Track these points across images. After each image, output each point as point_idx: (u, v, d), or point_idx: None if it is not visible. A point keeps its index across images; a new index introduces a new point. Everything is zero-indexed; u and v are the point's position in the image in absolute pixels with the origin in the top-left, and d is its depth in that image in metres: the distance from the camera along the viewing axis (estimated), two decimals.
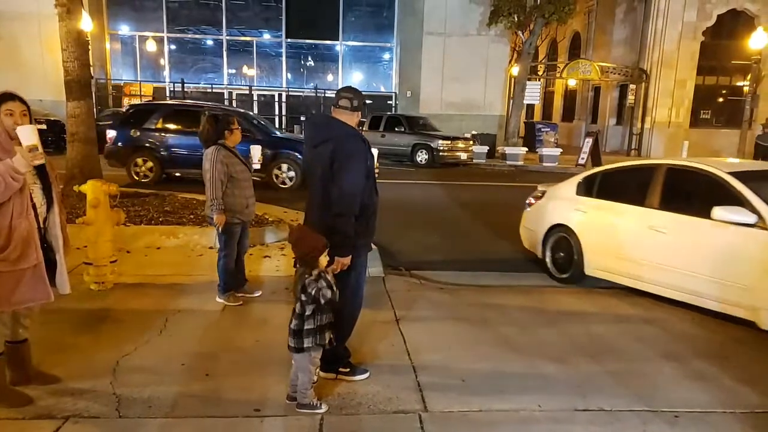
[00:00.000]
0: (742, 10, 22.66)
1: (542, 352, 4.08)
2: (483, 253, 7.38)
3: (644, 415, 3.21)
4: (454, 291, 5.54)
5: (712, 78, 23.72)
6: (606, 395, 3.44)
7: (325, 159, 3.20)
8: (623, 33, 25.02)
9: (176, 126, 11.61)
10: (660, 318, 4.88)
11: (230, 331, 4.28)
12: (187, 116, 11.51)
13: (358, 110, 3.35)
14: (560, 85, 30.77)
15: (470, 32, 22.17)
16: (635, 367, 3.88)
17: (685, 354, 4.14)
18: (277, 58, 24.85)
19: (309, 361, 3.08)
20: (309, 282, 3.00)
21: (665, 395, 3.47)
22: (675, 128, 23.08)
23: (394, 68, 24.96)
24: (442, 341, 4.23)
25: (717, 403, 3.39)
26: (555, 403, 3.33)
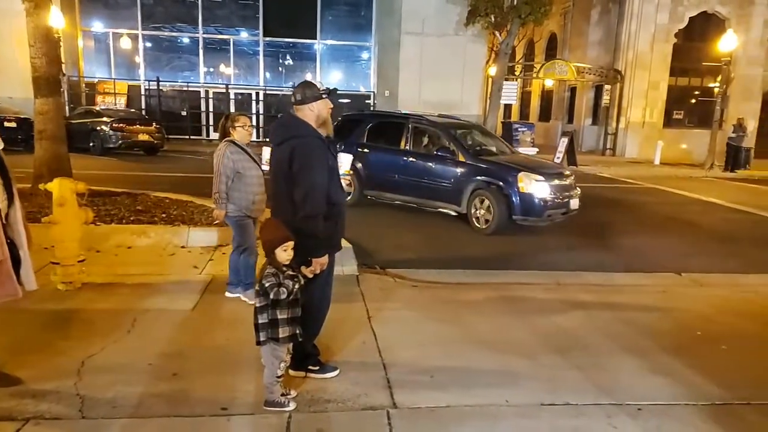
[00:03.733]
0: (713, 13, 23.12)
1: (512, 347, 4.12)
2: (458, 251, 7.42)
3: (609, 409, 3.27)
4: (428, 288, 5.56)
5: (684, 79, 24.16)
6: (572, 389, 3.49)
7: (284, 159, 3.19)
8: (598, 34, 25.35)
9: (378, 141, 9.73)
10: (627, 313, 4.96)
11: (201, 330, 4.24)
12: (391, 129, 9.63)
13: (304, 102, 3.28)
14: (537, 86, 31.04)
15: (448, 32, 22.25)
16: (601, 361, 3.94)
17: (650, 348, 4.22)
18: (254, 56, 24.66)
19: (271, 354, 3.07)
20: (266, 275, 3.00)
21: (629, 389, 3.54)
22: (649, 128, 23.46)
23: (372, 68, 24.95)
24: (413, 338, 4.25)
25: (679, 396, 3.47)
26: (522, 398, 3.37)
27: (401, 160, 9.22)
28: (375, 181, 9.52)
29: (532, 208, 7.99)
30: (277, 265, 3.04)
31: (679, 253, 7.67)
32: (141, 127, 17.07)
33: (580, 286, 5.88)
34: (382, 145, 9.60)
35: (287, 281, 3.01)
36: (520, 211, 8.00)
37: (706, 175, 18.34)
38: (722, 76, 19.70)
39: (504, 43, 20.79)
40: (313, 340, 3.54)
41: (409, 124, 9.34)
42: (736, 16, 22.92)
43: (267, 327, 3.03)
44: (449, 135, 8.96)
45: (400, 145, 9.31)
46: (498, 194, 8.13)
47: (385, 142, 9.59)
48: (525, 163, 8.84)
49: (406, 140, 9.30)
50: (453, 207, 8.66)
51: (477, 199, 8.35)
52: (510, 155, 9.51)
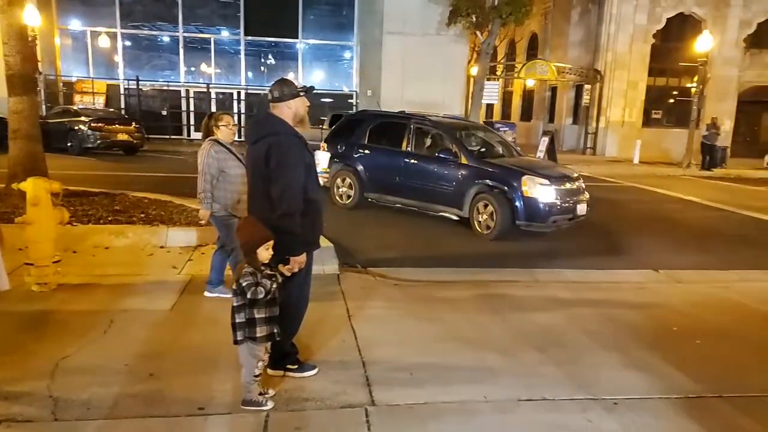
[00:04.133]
0: (689, 14, 23.51)
1: (490, 344, 4.15)
2: (440, 249, 7.45)
3: (585, 403, 3.31)
4: (409, 287, 5.57)
5: (662, 79, 24.54)
6: (550, 385, 3.53)
7: (261, 157, 3.18)
8: (578, 35, 25.62)
9: (379, 141, 9.47)
10: (605, 309, 5.02)
11: (178, 330, 4.20)
12: (392, 129, 9.33)
13: (282, 99, 3.27)
14: (518, 85, 31.29)
15: (429, 32, 22.31)
16: (579, 357, 3.99)
17: (627, 343, 4.27)
18: (235, 55, 24.48)
19: (248, 353, 3.06)
20: (244, 274, 2.98)
21: (606, 383, 3.58)
22: (628, 127, 23.78)
23: (354, 67, 24.93)
24: (393, 336, 4.25)
25: (654, 389, 3.52)
26: (500, 393, 3.40)
27: (402, 162, 8.93)
28: (376, 184, 9.24)
29: (536, 213, 7.66)
30: (255, 265, 3.03)
31: (656, 249, 7.78)
32: (120, 127, 16.85)
33: (558, 283, 5.94)
34: (384, 147, 9.31)
35: (265, 280, 2.99)
36: (523, 216, 7.67)
37: (684, 173, 18.63)
38: (699, 77, 20.03)
39: (485, 43, 20.91)
40: (291, 339, 3.52)
41: (411, 125, 9.02)
42: (712, 18, 23.33)
43: (244, 326, 3.01)
44: (452, 136, 8.67)
45: (401, 147, 9.01)
46: (501, 198, 7.79)
47: (387, 143, 9.30)
48: (530, 166, 8.43)
49: (407, 141, 8.97)
50: (455, 211, 8.40)
51: (479, 203, 8.01)
52: (515, 158, 9.12)
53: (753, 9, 23.59)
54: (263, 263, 3.05)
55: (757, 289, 5.90)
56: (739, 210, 11.25)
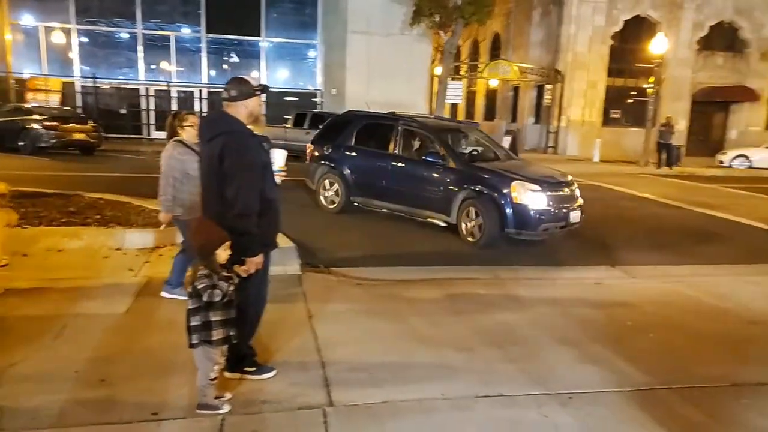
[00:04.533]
0: (645, 17, 24.19)
1: (449, 341, 4.18)
2: (404, 248, 7.46)
3: (541, 398, 3.37)
4: (371, 286, 5.57)
5: (620, 79, 25.17)
6: (507, 381, 3.58)
7: (214, 157, 3.13)
8: (540, 35, 26.06)
9: (366, 144, 9.18)
10: (562, 305, 5.12)
11: (133, 334, 4.10)
12: (380, 131, 9.00)
13: (238, 98, 3.23)
14: (482, 85, 31.62)
15: (393, 32, 22.35)
16: (536, 353, 4.06)
17: (582, 338, 4.37)
18: (196, 53, 24.06)
19: (204, 356, 3.00)
20: (199, 276, 2.93)
21: (561, 378, 3.65)
22: (588, 127, 24.32)
23: (318, 66, 24.82)
24: (353, 336, 4.25)
25: (608, 383, 3.61)
26: (458, 391, 3.43)
27: (389, 165, 8.58)
28: (362, 187, 8.91)
29: (526, 220, 7.24)
30: (212, 267, 2.97)
31: (613, 246, 7.97)
32: (76, 126, 16.36)
33: (517, 280, 6.03)
34: (370, 149, 8.99)
35: (221, 283, 2.95)
36: (512, 223, 7.27)
37: (642, 171, 19.16)
38: (654, 77, 20.64)
39: (448, 43, 21.08)
40: (248, 341, 3.48)
41: (398, 127, 8.63)
42: (667, 20, 24.06)
43: (200, 329, 2.96)
44: (439, 138, 8.28)
45: (388, 149, 8.64)
46: (489, 204, 7.41)
47: (374, 146, 8.96)
48: (521, 171, 7.96)
49: (395, 144, 8.59)
50: (442, 217, 7.98)
51: (467, 209, 7.63)
52: (507, 162, 8.64)
53: (705, 12, 24.42)
54: (220, 265, 3.00)
55: (708, 283, 6.11)
56: (692, 207, 11.63)
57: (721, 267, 6.98)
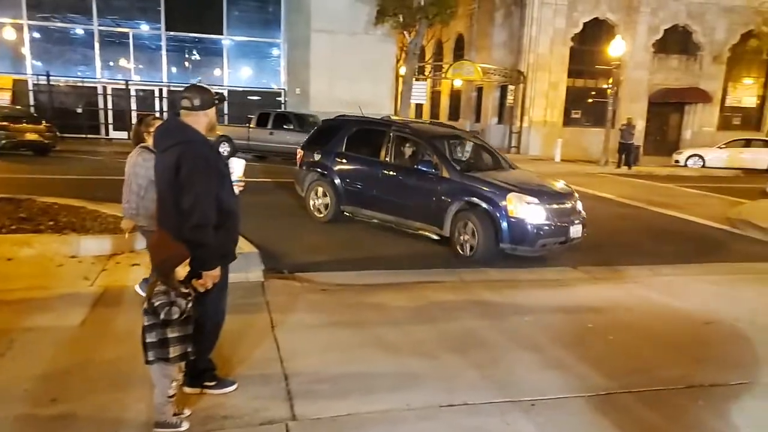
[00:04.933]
0: (604, 19, 24.75)
1: (414, 349, 4.17)
2: (370, 251, 7.42)
3: (504, 406, 3.38)
4: (336, 292, 5.52)
5: (581, 81, 25.70)
6: (470, 388, 3.58)
7: (170, 167, 3.04)
8: (502, 36, 26.39)
9: (357, 150, 8.74)
10: (525, 308, 5.17)
11: (89, 348, 3.95)
12: (371, 137, 8.58)
13: (202, 108, 3.15)
14: (446, 85, 31.85)
15: (357, 31, 22.30)
16: (499, 358, 4.08)
17: (545, 342, 4.42)
18: (156, 51, 23.50)
19: (161, 374, 2.91)
20: (156, 293, 2.83)
21: (524, 384, 3.68)
22: (550, 127, 24.76)
23: (282, 65, 24.57)
24: (317, 346, 4.19)
25: (569, 388, 3.66)
26: (423, 400, 3.42)
27: (380, 174, 8.19)
28: (352, 196, 8.53)
29: (522, 235, 6.86)
30: (170, 284, 2.88)
31: (575, 246, 8.09)
32: (28, 126, 15.79)
33: (482, 282, 6.07)
34: (361, 156, 8.59)
35: (180, 300, 2.85)
36: (508, 238, 6.88)
37: (602, 171, 19.60)
38: (613, 79, 21.15)
39: (413, 44, 21.15)
40: (208, 355, 3.39)
41: (390, 133, 8.26)
42: (624, 23, 24.68)
43: (156, 346, 2.86)
44: (433, 146, 7.84)
45: (379, 156, 8.26)
46: (483, 217, 7.02)
47: (365, 153, 8.55)
48: (518, 182, 7.50)
49: (386, 150, 8.20)
50: (434, 229, 7.59)
51: (461, 221, 7.23)
52: (505, 172, 8.14)
53: (660, 16, 25.15)
54: (178, 280, 2.91)
55: (666, 284, 6.27)
56: (651, 207, 11.95)
57: (679, 267, 7.18)
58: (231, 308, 3.51)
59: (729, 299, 5.81)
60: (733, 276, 6.81)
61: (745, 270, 7.20)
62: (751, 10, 24.43)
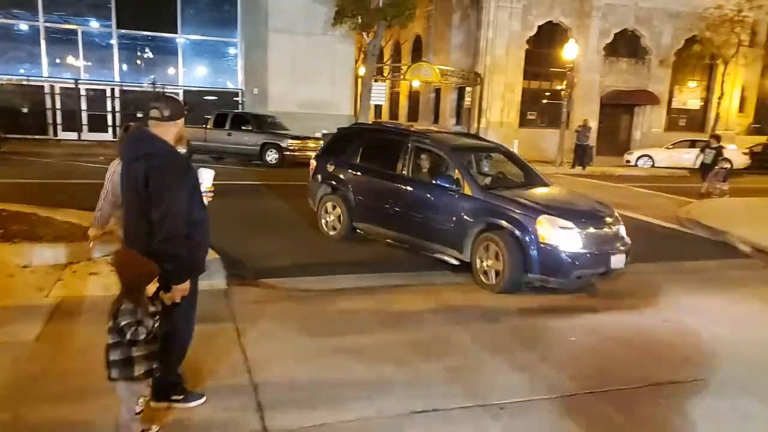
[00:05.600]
0: (557, 23, 25.37)
1: (385, 355, 4.18)
2: (336, 255, 7.36)
3: (474, 411, 3.44)
4: (302, 298, 5.48)
5: (536, 83, 26.29)
6: (441, 394, 3.62)
7: (138, 178, 2.96)
8: (459, 38, 26.72)
9: (372, 162, 7.94)
10: (493, 310, 5.26)
11: (45, 363, 3.80)
12: (388, 147, 7.72)
13: (172, 119, 3.11)
14: (405, 87, 32.03)
15: (316, 31, 22.17)
16: (469, 363, 4.14)
17: (512, 344, 4.51)
18: (107, 49, 22.76)
19: (128, 391, 2.84)
20: (122, 310, 2.75)
21: (493, 388, 3.75)
22: (507, 128, 25.20)
23: (239, 64, 24.19)
24: (285, 354, 4.15)
25: (536, 391, 3.74)
26: (395, 407, 3.43)
27: (395, 189, 7.32)
28: (366, 213, 7.75)
29: (555, 265, 5.90)
30: (138, 302, 2.79)
31: None
32: None
33: (450, 285, 6.15)
34: (376, 168, 7.77)
35: (147, 319, 2.77)
36: (537, 267, 5.91)
37: (557, 171, 20.07)
38: (567, 81, 21.72)
39: (371, 45, 21.17)
40: (176, 369, 3.32)
41: (409, 143, 7.39)
42: (577, 27, 25.36)
43: (120, 365, 2.77)
44: (455, 159, 6.97)
45: (396, 169, 7.40)
46: (509, 242, 6.05)
47: (380, 165, 7.73)
48: (552, 201, 6.64)
49: (404, 163, 7.34)
50: (453, 253, 6.65)
51: (483, 245, 6.30)
52: (537, 189, 7.25)
53: (610, 20, 25.96)
54: (147, 297, 2.83)
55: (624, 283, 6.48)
56: None
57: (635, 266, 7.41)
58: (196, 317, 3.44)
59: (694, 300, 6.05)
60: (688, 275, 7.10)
61: (694, 269, 7.53)
62: (695, 16, 25.49)
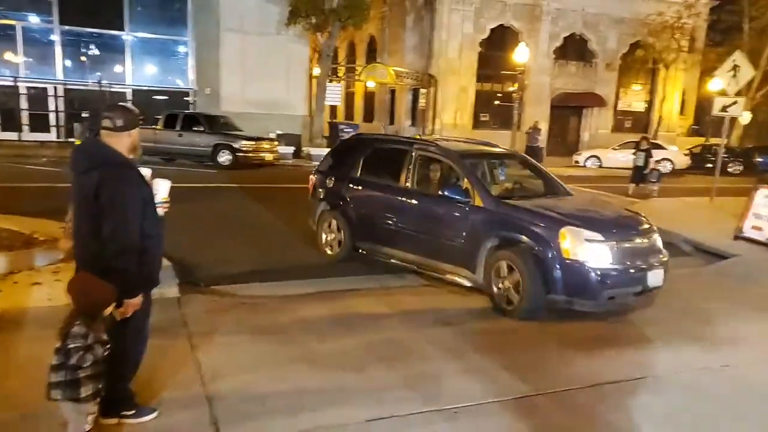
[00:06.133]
0: (509, 26, 25.95)
1: (341, 362, 4.19)
2: (291, 260, 7.29)
3: (429, 416, 3.49)
4: (257, 305, 5.42)
5: (489, 85, 26.82)
6: (398, 400, 3.65)
7: (89, 190, 2.89)
8: (413, 40, 26.96)
9: (374, 174, 7.24)
10: (447, 313, 5.34)
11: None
12: (391, 158, 7.04)
13: (125, 129, 3.04)
14: (360, 87, 32.06)
15: (269, 31, 21.93)
16: (424, 368, 4.19)
17: (466, 348, 4.59)
18: (49, 46, 21.86)
19: (73, 410, 2.76)
20: (72, 333, 2.66)
21: (448, 392, 3.81)
22: (461, 129, 25.58)
23: (190, 63, 23.67)
24: (240, 364, 4.10)
25: (490, 393, 3.82)
26: (351, 415, 3.44)
27: (399, 203, 6.66)
28: (368, 231, 7.00)
29: (582, 284, 5.19)
30: (92, 327, 2.71)
31: None
32: None
33: (405, 288, 6.21)
34: (378, 181, 7.10)
35: (97, 347, 2.69)
36: (561, 287, 5.22)
37: None
38: (518, 83, 22.22)
39: (326, 45, 21.12)
40: (128, 383, 3.24)
41: (413, 153, 6.72)
42: (527, 30, 26.00)
43: (63, 386, 2.68)
44: (464, 167, 6.29)
45: (399, 181, 6.74)
46: (529, 259, 5.35)
47: (383, 177, 7.06)
48: (576, 211, 5.86)
49: (407, 174, 6.66)
50: (464, 273, 5.94)
51: (498, 263, 5.59)
52: (558, 199, 6.46)
53: (560, 24, 26.74)
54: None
55: None
56: None
57: None
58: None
59: None
60: None
61: None
62: (638, 23, 26.53)
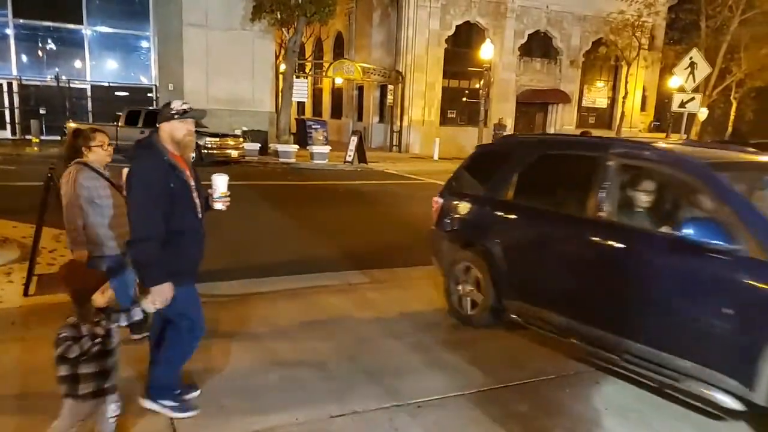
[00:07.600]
0: (474, 23, 26.12)
1: (305, 359, 4.16)
2: (260, 257, 7.18)
3: (391, 411, 3.48)
4: (222, 303, 5.33)
5: (455, 81, 26.95)
6: (360, 396, 3.64)
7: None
8: (381, 36, 26.91)
9: (537, 198, 4.83)
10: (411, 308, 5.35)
11: None
12: (567, 172, 4.69)
13: (159, 121, 3.16)
14: (328, 83, 31.90)
15: (234, 27, 21.62)
16: (387, 363, 4.18)
17: (430, 342, 4.60)
18: (3, 40, 21.13)
19: (68, 411, 2.69)
20: (65, 324, 2.64)
21: (410, 387, 3.81)
22: (428, 126, 25.71)
23: (152, 59, 23.18)
24: (201, 364, 4.02)
25: (452, 387, 3.83)
26: (313, 413, 3.42)
27: (583, 243, 4.14)
28: (525, 284, 4.66)
29: None
30: (86, 317, 2.65)
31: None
32: None
33: (370, 284, 6.18)
34: (545, 208, 4.65)
35: (86, 340, 2.61)
36: None
37: None
38: (484, 80, 22.41)
39: (291, 41, 20.92)
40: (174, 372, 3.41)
41: (607, 161, 4.15)
42: (493, 27, 26.22)
43: (64, 381, 2.65)
44: (721, 189, 3.61)
45: (585, 210, 4.23)
46: None
47: (553, 202, 4.66)
48: None
49: (599, 199, 4.12)
50: (730, 384, 3.28)
51: None
52: None
53: (525, 21, 27.04)
54: (97, 309, 2.69)
55: None
56: None
57: None
58: None
59: None
60: None
61: None
62: (600, 20, 27.02)
